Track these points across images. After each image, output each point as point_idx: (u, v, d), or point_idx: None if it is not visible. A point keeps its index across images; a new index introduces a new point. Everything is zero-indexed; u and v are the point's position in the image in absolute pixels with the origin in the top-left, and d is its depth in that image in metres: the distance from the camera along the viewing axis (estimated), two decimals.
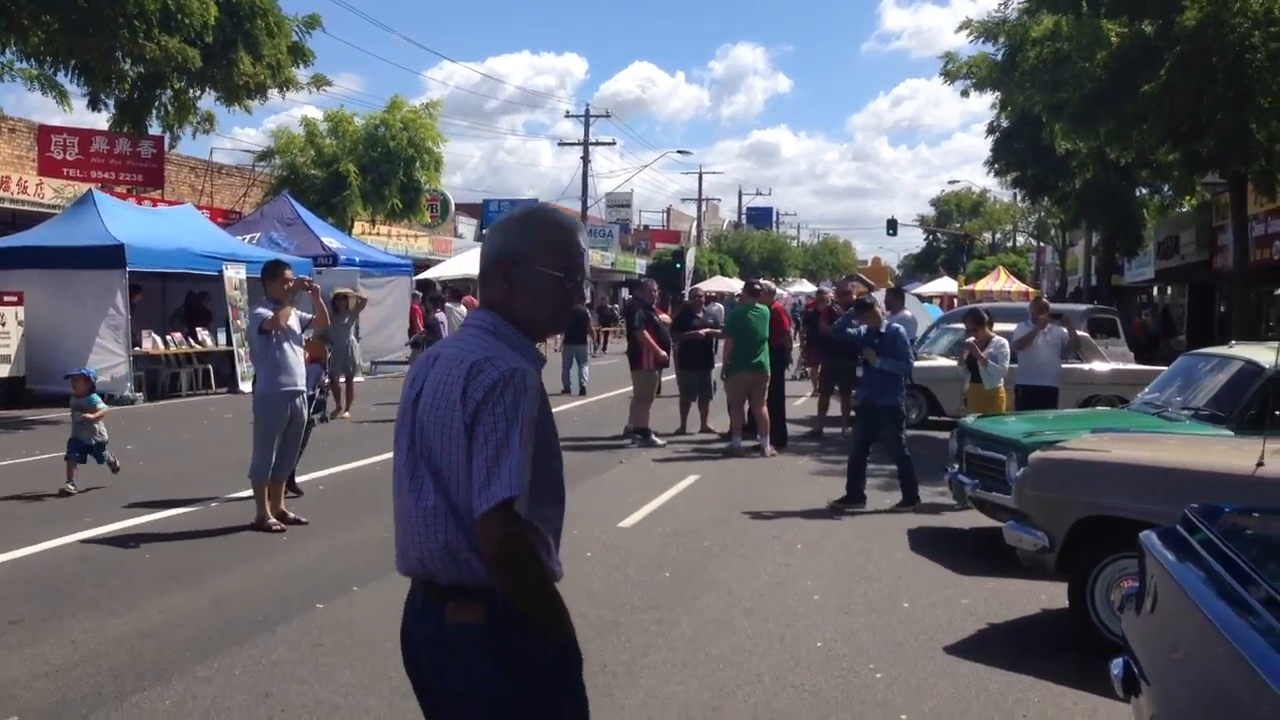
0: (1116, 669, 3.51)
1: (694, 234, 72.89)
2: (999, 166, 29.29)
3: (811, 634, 6.03)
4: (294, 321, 8.50)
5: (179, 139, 22.88)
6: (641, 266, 56.44)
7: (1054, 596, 6.49)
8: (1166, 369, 9.93)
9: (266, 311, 8.33)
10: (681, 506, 9.73)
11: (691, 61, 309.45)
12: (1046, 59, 17.55)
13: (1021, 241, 67.84)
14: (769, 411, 13.19)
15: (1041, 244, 57.86)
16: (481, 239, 41.28)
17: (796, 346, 21.44)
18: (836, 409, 15.51)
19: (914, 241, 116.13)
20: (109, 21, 16.53)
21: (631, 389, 14.41)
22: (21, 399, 16.36)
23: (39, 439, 13.00)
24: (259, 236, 22.27)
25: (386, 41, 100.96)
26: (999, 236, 73.43)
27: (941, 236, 73.28)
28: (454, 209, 41.17)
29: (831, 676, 5.36)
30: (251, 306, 9.86)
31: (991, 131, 28.74)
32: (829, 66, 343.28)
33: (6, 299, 16.51)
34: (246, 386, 16.47)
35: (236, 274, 18.83)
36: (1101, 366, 14.50)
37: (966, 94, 23.37)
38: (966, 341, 11.27)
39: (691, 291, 21.63)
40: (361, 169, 27.86)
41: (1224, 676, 2.58)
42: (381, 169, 28.25)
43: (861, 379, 10.75)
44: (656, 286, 16.71)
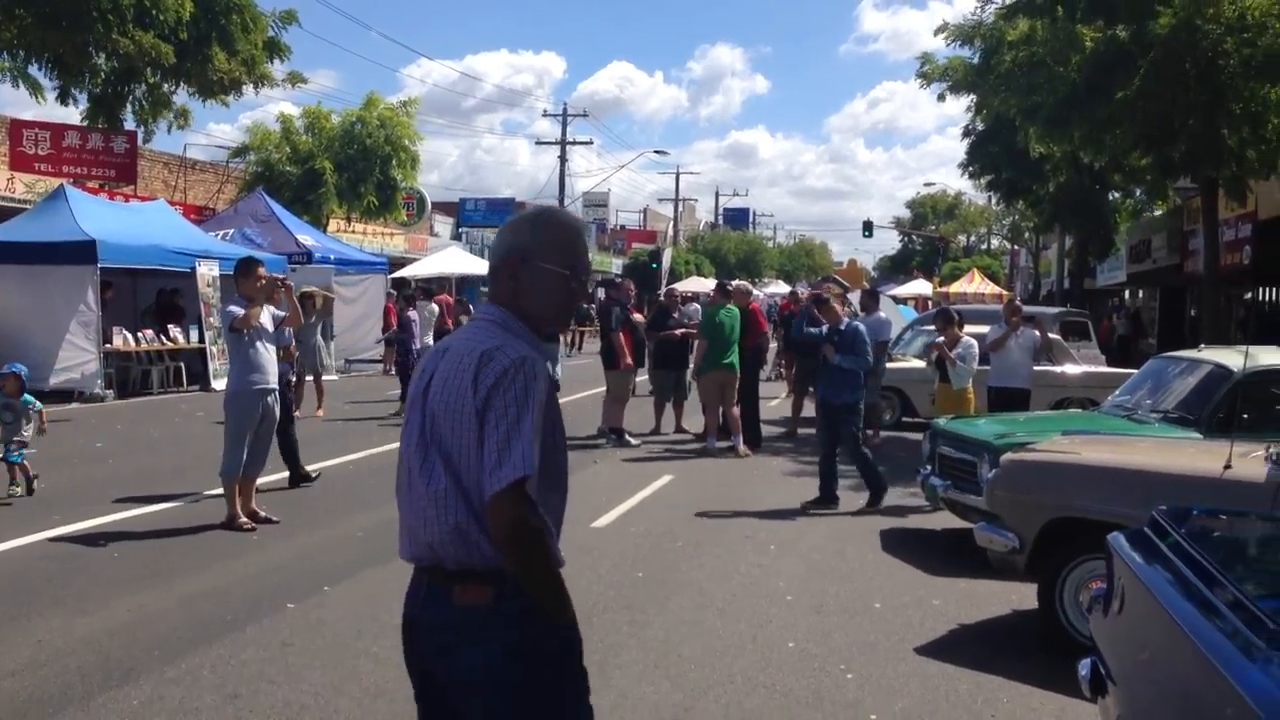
0: (1084, 670, 3.53)
1: (670, 234, 72.96)
2: (974, 169, 29.45)
3: (783, 634, 6.04)
4: (267, 319, 8.45)
5: (152, 134, 22.67)
6: (618, 266, 56.45)
7: (1024, 597, 6.53)
8: (1137, 372, 10.01)
9: (238, 309, 8.28)
10: (655, 507, 9.73)
11: (670, 61, 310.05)
12: (1021, 63, 17.63)
13: (996, 244, 68.22)
14: (743, 411, 13.21)
15: (1015, 247, 58.18)
16: (457, 237, 41.02)
17: (773, 347, 21.49)
18: (811, 410, 15.51)
19: (889, 243, 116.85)
20: (83, 15, 16.41)
21: (605, 389, 14.40)
22: None
23: None
24: (233, 233, 22.11)
25: (364, 39, 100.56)
26: (973, 239, 73.87)
27: (917, 239, 73.58)
28: (430, 207, 40.99)
29: (803, 677, 5.37)
30: (224, 304, 9.79)
31: (967, 135, 28.88)
32: (807, 68, 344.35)
33: None
34: (219, 384, 16.37)
35: (210, 271, 18.69)
36: (1073, 369, 14.59)
37: (943, 97, 23.43)
38: (934, 342, 11.31)
39: (668, 291, 21.63)
40: (337, 166, 27.74)
41: (1190, 678, 2.60)
42: (358, 166, 28.14)
43: (821, 377, 10.71)
44: (633, 286, 16.71)
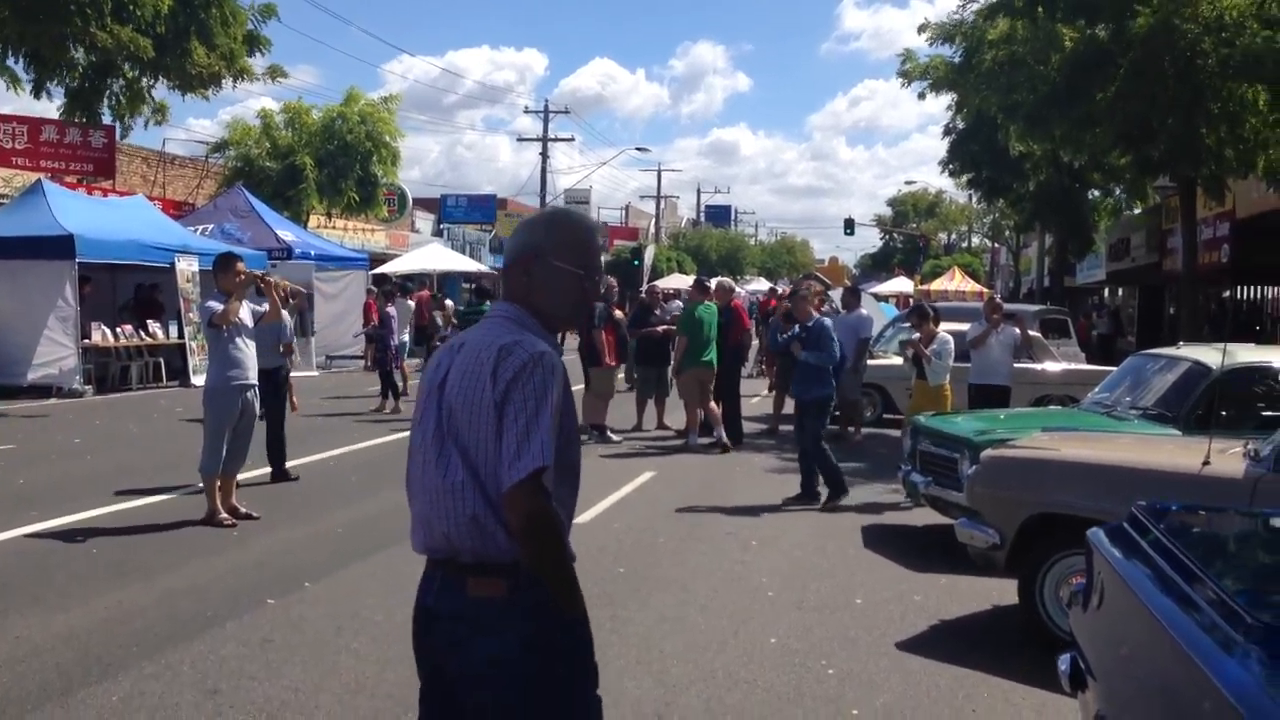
0: (1064, 664, 3.55)
1: (652, 231, 72.88)
2: (954, 168, 29.51)
3: (765, 630, 6.05)
4: (246, 315, 8.41)
5: (130, 129, 22.51)
6: None
7: (1004, 593, 6.56)
8: (1116, 369, 10.06)
9: (216, 305, 8.24)
10: (637, 503, 9.73)
11: (652, 59, 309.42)
12: (1002, 61, 17.71)
13: (976, 242, 68.44)
14: (725, 408, 13.24)
15: (996, 245, 58.41)
16: (438, 234, 40.92)
17: (755, 345, 21.52)
18: (792, 407, 15.55)
19: (871, 241, 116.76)
20: (61, 8, 16.25)
21: (586, 386, 14.38)
22: None
23: None
24: (212, 228, 21.99)
25: (345, 34, 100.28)
26: (954, 237, 74.04)
27: (898, 237, 73.79)
28: (411, 204, 40.90)
29: (784, 672, 5.39)
30: (203, 299, 9.75)
31: (948, 133, 28.94)
32: (788, 66, 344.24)
33: None
34: (198, 380, 16.28)
35: (189, 266, 18.59)
36: (1053, 366, 14.67)
37: (923, 96, 23.50)
38: (910, 339, 11.31)
39: (649, 289, 21.62)
40: (318, 162, 27.59)
41: (1168, 672, 2.62)
42: (338, 162, 28.00)
43: (794, 374, 10.71)
44: (615, 283, 16.70)
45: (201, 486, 8.40)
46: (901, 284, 41.92)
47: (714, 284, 14.53)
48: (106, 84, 20.73)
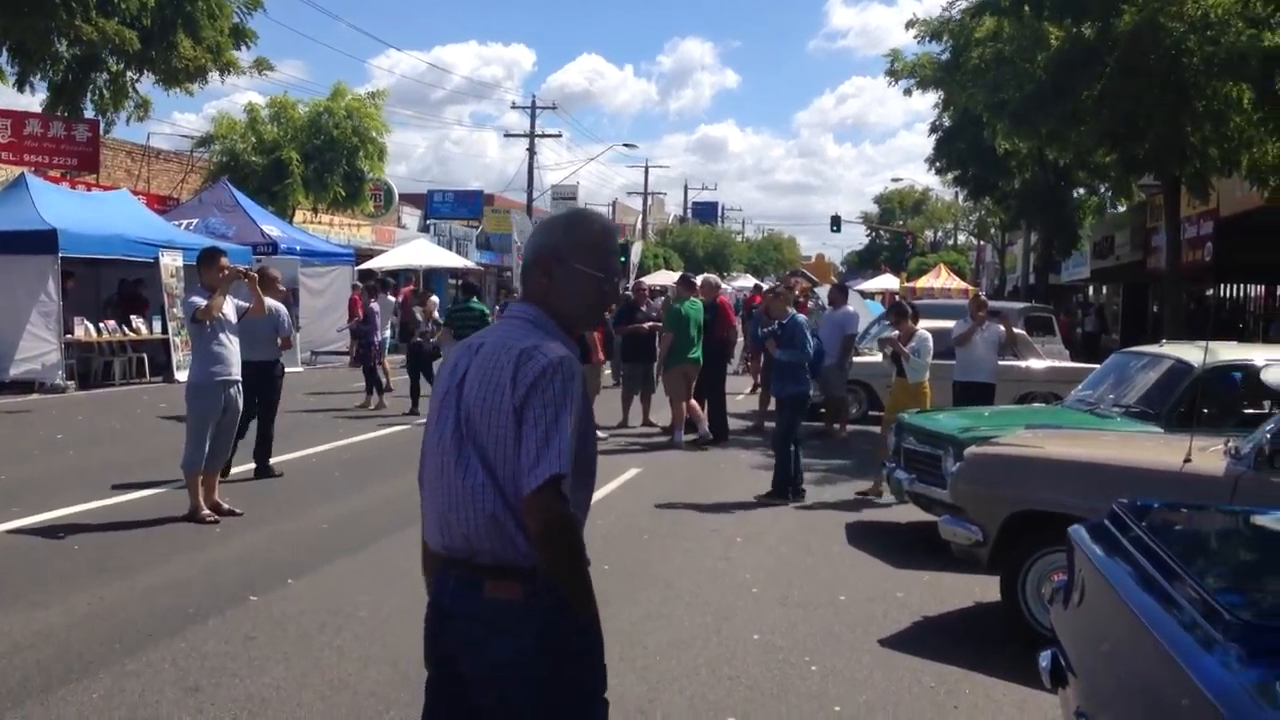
0: (1045, 661, 3.56)
1: (639, 228, 72.87)
2: (941, 165, 29.65)
3: (749, 627, 6.06)
4: (230, 310, 8.37)
5: (113, 123, 22.44)
6: None
7: (987, 590, 6.57)
8: (1099, 367, 10.10)
9: (200, 300, 8.20)
10: (622, 499, 9.73)
11: (640, 55, 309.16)
12: (988, 59, 17.75)
13: (962, 240, 68.65)
14: (710, 405, 13.27)
15: (982, 242, 58.56)
16: (425, 229, 40.79)
17: (741, 341, 21.52)
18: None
19: (857, 238, 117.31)
20: (45, 1, 16.18)
21: None
22: None
23: None
24: (197, 223, 21.85)
25: (332, 29, 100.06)
26: (940, 235, 74.24)
27: (884, 234, 73.98)
28: (398, 199, 40.76)
29: (768, 669, 5.39)
30: (187, 294, 9.70)
31: (934, 131, 29.06)
32: (776, 63, 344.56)
33: None
34: (182, 376, 16.19)
35: (173, 261, 18.50)
36: (1037, 364, 14.71)
37: (910, 93, 23.58)
38: (888, 336, 11.30)
39: (636, 285, 21.60)
40: (304, 157, 27.50)
41: (1149, 669, 2.63)
42: (324, 157, 27.92)
43: (773, 371, 10.77)
44: None
45: (184, 482, 8.36)
46: (888, 281, 42.00)
47: (700, 280, 14.53)
48: (90, 78, 20.68)
